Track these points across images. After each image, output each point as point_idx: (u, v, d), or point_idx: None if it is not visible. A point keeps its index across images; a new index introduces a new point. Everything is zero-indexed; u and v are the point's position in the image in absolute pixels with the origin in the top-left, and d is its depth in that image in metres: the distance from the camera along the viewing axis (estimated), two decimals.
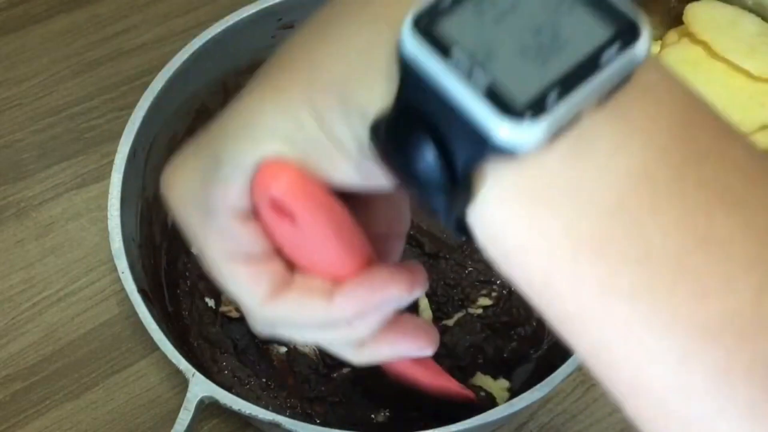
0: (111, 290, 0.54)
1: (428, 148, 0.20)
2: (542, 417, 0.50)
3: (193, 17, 0.66)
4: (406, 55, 0.19)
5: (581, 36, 0.19)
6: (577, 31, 0.19)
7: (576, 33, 0.19)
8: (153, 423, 0.49)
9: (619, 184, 0.19)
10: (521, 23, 0.19)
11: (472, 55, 0.18)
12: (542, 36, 0.19)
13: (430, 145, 0.20)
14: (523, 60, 0.18)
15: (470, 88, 0.18)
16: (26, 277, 0.54)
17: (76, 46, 0.64)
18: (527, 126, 0.18)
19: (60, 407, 0.50)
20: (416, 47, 0.19)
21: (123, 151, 0.45)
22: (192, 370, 0.39)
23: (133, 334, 0.52)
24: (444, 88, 0.19)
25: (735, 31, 0.59)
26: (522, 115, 0.18)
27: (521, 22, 0.19)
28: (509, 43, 0.19)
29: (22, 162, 0.59)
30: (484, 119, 0.18)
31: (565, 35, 0.19)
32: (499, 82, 0.18)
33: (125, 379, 0.51)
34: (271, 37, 0.53)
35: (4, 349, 0.51)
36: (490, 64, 0.18)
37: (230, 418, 0.49)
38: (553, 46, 0.19)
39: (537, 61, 0.18)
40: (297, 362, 0.50)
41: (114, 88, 0.62)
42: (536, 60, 0.18)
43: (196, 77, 0.50)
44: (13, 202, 0.57)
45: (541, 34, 0.19)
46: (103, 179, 0.57)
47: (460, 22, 0.19)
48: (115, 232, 0.43)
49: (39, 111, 0.61)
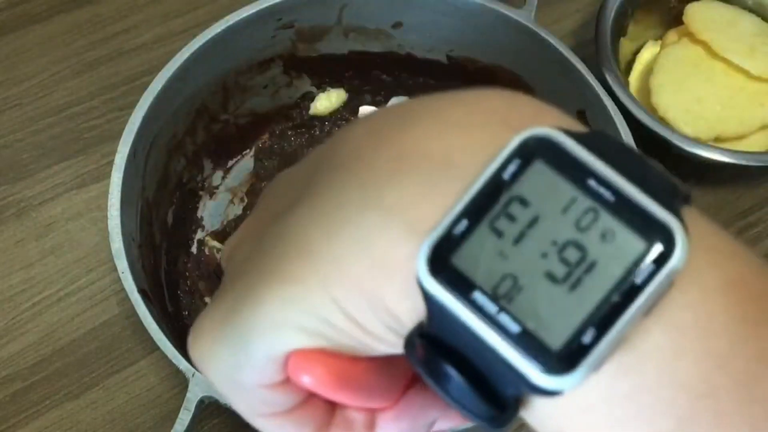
0: (111, 290, 0.54)
1: (462, 383, 0.18)
2: None
3: (192, 17, 0.66)
4: (426, 291, 0.18)
5: (611, 252, 0.17)
6: (606, 247, 0.17)
7: (605, 249, 0.17)
8: (153, 423, 0.49)
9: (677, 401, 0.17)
10: (543, 242, 0.17)
11: (495, 292, 0.17)
12: (567, 254, 0.17)
13: (463, 381, 0.18)
14: (550, 288, 0.17)
15: (499, 335, 0.17)
16: (26, 277, 0.54)
17: (75, 46, 0.64)
18: (566, 375, 0.17)
19: (60, 407, 0.50)
20: (435, 287, 0.18)
21: (123, 151, 0.45)
22: (192, 370, 0.39)
23: (133, 334, 0.52)
24: (471, 330, 0.17)
25: (735, 30, 0.59)
26: (558, 366, 0.17)
27: (543, 240, 0.17)
28: (533, 268, 0.17)
29: (21, 162, 0.59)
30: (519, 366, 0.17)
31: (594, 252, 0.17)
32: (529, 326, 0.17)
33: (125, 379, 0.51)
34: (271, 37, 0.53)
35: (4, 349, 0.51)
36: (516, 301, 0.17)
37: (230, 418, 0.49)
38: (581, 268, 0.17)
39: (566, 288, 0.17)
40: None
41: (114, 88, 0.62)
42: (564, 287, 0.17)
43: (195, 77, 0.50)
44: (13, 202, 0.57)
45: (566, 253, 0.17)
46: (103, 179, 0.57)
47: (478, 249, 0.17)
48: (115, 232, 0.43)
49: (39, 111, 0.61)
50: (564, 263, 0.17)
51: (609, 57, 0.56)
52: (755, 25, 0.60)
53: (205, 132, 0.54)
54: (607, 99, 0.48)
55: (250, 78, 0.55)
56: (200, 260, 0.53)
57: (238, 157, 0.58)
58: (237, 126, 0.56)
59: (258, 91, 0.56)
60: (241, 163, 0.58)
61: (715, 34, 0.58)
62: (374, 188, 0.19)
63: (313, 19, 0.53)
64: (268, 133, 0.58)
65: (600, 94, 0.48)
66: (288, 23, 0.53)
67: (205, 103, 0.53)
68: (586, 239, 0.17)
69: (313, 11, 0.53)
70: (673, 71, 0.58)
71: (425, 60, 0.57)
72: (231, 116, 0.56)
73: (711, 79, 0.57)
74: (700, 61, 0.58)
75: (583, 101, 0.50)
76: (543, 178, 0.17)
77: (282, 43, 0.54)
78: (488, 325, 0.17)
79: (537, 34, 0.50)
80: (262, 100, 0.57)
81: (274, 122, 0.58)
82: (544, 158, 0.18)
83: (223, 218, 0.56)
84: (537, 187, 0.17)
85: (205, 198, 0.56)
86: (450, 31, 0.54)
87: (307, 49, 0.55)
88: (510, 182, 0.18)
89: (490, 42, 0.53)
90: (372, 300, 0.19)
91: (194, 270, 0.53)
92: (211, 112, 0.54)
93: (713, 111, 0.57)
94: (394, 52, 0.57)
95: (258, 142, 0.58)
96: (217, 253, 0.54)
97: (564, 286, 0.17)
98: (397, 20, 0.55)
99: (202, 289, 0.52)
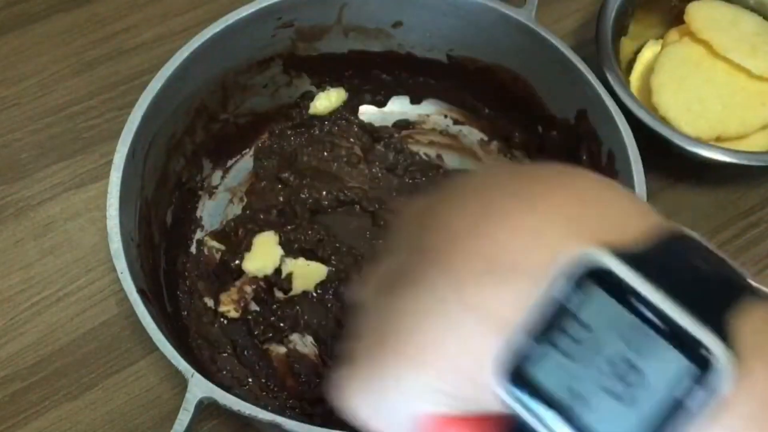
0: (110, 290, 0.54)
1: None
2: None
3: (192, 16, 0.66)
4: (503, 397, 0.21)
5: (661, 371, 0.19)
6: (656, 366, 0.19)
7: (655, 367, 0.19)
8: (152, 423, 0.49)
9: None
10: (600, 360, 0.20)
11: (560, 405, 0.20)
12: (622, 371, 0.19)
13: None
14: (609, 402, 0.19)
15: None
16: (25, 277, 0.54)
17: (75, 45, 0.64)
18: None
19: (59, 407, 0.50)
20: (510, 397, 0.21)
21: (122, 150, 0.45)
22: (191, 371, 0.39)
23: (132, 334, 0.52)
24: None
25: (736, 30, 0.59)
26: None
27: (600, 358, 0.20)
28: (593, 383, 0.20)
29: (20, 161, 0.59)
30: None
31: (645, 370, 0.19)
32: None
33: (124, 380, 0.51)
34: (271, 36, 0.53)
35: (3, 350, 0.51)
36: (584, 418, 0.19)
37: (230, 418, 0.49)
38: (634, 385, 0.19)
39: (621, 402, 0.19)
40: (297, 363, 0.50)
41: (113, 88, 0.62)
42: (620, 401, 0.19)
43: (195, 77, 0.50)
44: (12, 201, 0.57)
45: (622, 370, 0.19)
46: (102, 179, 0.57)
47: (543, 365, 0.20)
48: (113, 232, 0.43)
49: (38, 110, 0.61)
50: (619, 379, 0.19)
51: (610, 56, 0.56)
52: (757, 25, 0.60)
53: (205, 131, 0.54)
54: (607, 98, 0.48)
55: (250, 77, 0.55)
56: (199, 260, 0.53)
57: (238, 156, 0.58)
58: (236, 125, 0.56)
59: (257, 90, 0.56)
60: (240, 163, 0.58)
61: (717, 34, 0.58)
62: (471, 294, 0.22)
63: (313, 18, 0.53)
64: (268, 133, 0.58)
65: (601, 93, 0.48)
66: (288, 22, 0.52)
67: (205, 102, 0.53)
68: (638, 358, 0.19)
69: (313, 10, 0.53)
70: (674, 71, 0.58)
71: (425, 59, 0.57)
72: (230, 116, 0.56)
73: (712, 79, 0.57)
74: (701, 61, 0.58)
75: (584, 101, 0.49)
76: (599, 302, 0.20)
77: (282, 42, 0.54)
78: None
79: (537, 33, 0.50)
80: (261, 99, 0.57)
81: (274, 122, 0.58)
82: (601, 285, 0.20)
83: (222, 218, 0.56)
84: (594, 310, 0.20)
85: (205, 198, 0.56)
86: (450, 30, 0.54)
87: (307, 49, 0.55)
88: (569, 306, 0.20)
89: (490, 41, 0.53)
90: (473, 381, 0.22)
91: (193, 270, 0.53)
92: (211, 111, 0.54)
93: (714, 110, 0.57)
94: (394, 52, 0.57)
95: (257, 141, 0.58)
96: (216, 253, 0.54)
97: (620, 401, 0.19)
98: (397, 20, 0.54)
99: (201, 289, 0.52)
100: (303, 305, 0.51)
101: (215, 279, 0.53)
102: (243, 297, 0.52)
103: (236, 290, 0.52)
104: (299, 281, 0.51)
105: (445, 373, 0.22)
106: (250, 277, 0.52)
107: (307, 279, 0.52)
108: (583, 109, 0.50)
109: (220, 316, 0.51)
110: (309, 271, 0.52)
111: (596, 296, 0.20)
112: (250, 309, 0.52)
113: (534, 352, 0.20)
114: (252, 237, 0.53)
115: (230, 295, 0.52)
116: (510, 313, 0.21)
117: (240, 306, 0.51)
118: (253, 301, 0.52)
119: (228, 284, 0.52)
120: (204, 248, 0.54)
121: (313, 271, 0.52)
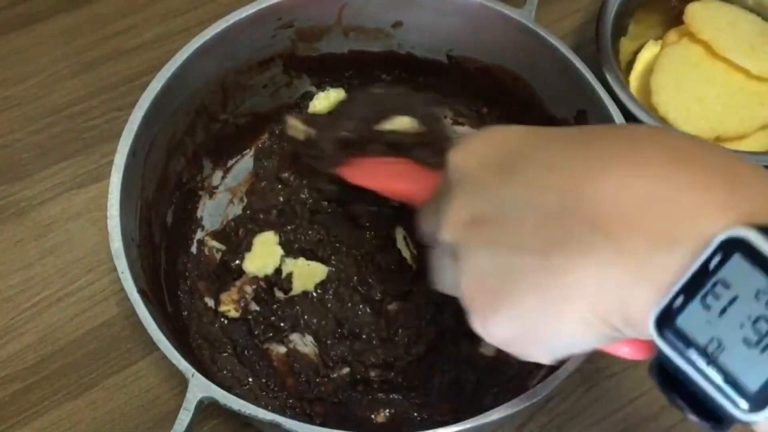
0: (110, 290, 0.54)
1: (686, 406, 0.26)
2: (542, 417, 0.50)
3: (192, 17, 0.66)
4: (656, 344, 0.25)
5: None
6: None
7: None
8: (152, 423, 0.49)
9: None
10: (741, 316, 0.24)
11: (705, 350, 0.24)
12: (759, 326, 0.23)
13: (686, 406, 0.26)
14: (746, 350, 0.24)
15: (708, 383, 0.24)
16: (25, 277, 0.54)
17: (75, 45, 0.64)
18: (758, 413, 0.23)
19: (59, 407, 0.50)
20: (661, 343, 0.25)
21: (122, 150, 0.45)
22: (191, 371, 0.39)
23: (132, 334, 0.52)
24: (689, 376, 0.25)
25: (735, 30, 0.59)
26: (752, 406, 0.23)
27: (740, 314, 0.24)
28: (733, 335, 0.24)
29: (21, 162, 0.59)
30: (723, 404, 0.24)
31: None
32: (731, 377, 0.24)
33: (124, 380, 0.51)
34: (271, 36, 0.53)
35: (3, 350, 0.51)
36: (720, 357, 0.24)
37: (230, 418, 0.49)
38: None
39: (758, 350, 0.23)
40: (297, 362, 0.50)
41: (113, 88, 0.62)
42: (757, 350, 0.23)
43: (195, 77, 0.50)
44: (13, 202, 0.57)
45: (758, 325, 0.23)
46: (103, 179, 0.57)
47: (693, 318, 0.24)
48: (114, 232, 0.43)
49: (38, 111, 0.61)
50: (756, 332, 0.23)
51: (609, 56, 0.56)
52: (756, 25, 0.60)
53: (205, 132, 0.54)
54: (607, 99, 0.48)
55: (250, 77, 0.55)
56: (200, 260, 0.53)
57: (238, 156, 0.58)
58: (236, 126, 0.56)
59: (257, 90, 0.56)
60: (240, 163, 0.58)
61: (716, 34, 0.58)
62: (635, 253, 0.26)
63: (312, 19, 0.53)
64: (268, 133, 0.58)
65: (600, 93, 0.48)
66: (288, 23, 0.53)
67: (205, 102, 0.53)
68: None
69: (313, 11, 0.53)
70: (674, 71, 0.58)
71: (425, 60, 0.57)
72: (230, 116, 0.56)
73: (711, 79, 0.57)
74: (700, 61, 0.58)
75: (584, 101, 0.49)
76: (741, 268, 0.24)
77: (282, 42, 0.54)
78: (700, 375, 0.25)
79: (537, 33, 0.50)
80: (261, 99, 0.57)
81: (274, 122, 0.58)
82: (742, 253, 0.24)
83: (222, 218, 0.56)
84: (736, 274, 0.24)
85: (205, 198, 0.56)
86: (450, 30, 0.54)
87: (307, 49, 0.55)
88: (715, 270, 0.24)
89: (490, 42, 0.53)
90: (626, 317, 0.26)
91: (194, 270, 0.53)
92: (211, 111, 0.54)
93: (714, 111, 0.57)
94: (394, 52, 0.57)
95: (257, 141, 0.58)
96: (216, 253, 0.54)
97: (756, 349, 0.23)
98: (397, 20, 0.54)
99: (201, 289, 0.52)
100: (303, 305, 0.51)
101: (215, 279, 0.53)
102: (243, 297, 0.52)
103: (236, 290, 0.52)
104: (299, 281, 0.51)
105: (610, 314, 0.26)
106: (251, 277, 0.52)
107: (307, 279, 0.52)
108: (583, 110, 0.50)
109: (221, 316, 0.51)
110: (309, 271, 0.52)
111: (740, 265, 0.24)
112: (251, 309, 0.52)
113: (685, 307, 0.24)
114: (252, 237, 0.53)
115: (230, 295, 0.52)
116: (667, 276, 0.25)
117: (240, 306, 0.51)
118: (253, 301, 0.52)
119: (228, 284, 0.52)
120: (204, 248, 0.54)
121: (313, 271, 0.52)
